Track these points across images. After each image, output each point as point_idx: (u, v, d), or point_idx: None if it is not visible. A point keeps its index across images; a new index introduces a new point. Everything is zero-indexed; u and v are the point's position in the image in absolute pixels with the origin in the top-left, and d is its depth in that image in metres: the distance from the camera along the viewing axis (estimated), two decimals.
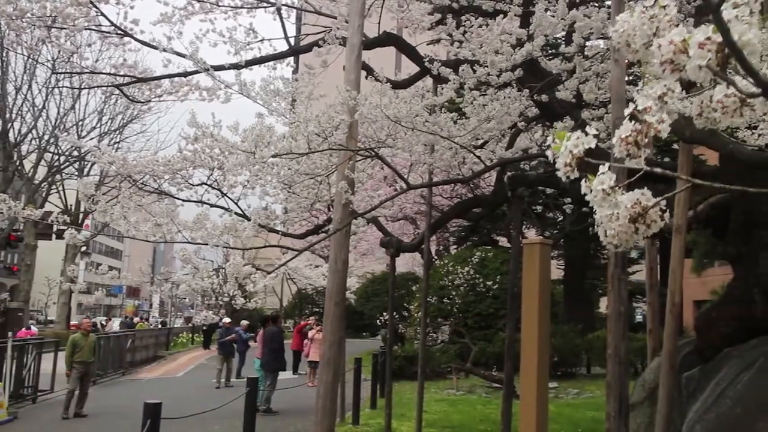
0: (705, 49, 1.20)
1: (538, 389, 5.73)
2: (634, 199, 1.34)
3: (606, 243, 1.39)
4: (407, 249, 10.77)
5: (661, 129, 1.29)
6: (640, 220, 1.34)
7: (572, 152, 1.35)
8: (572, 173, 1.35)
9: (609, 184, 1.33)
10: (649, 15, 1.34)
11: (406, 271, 32.53)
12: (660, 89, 1.33)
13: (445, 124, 8.36)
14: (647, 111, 1.30)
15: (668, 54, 1.24)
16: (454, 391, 16.99)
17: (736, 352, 6.07)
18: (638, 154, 1.31)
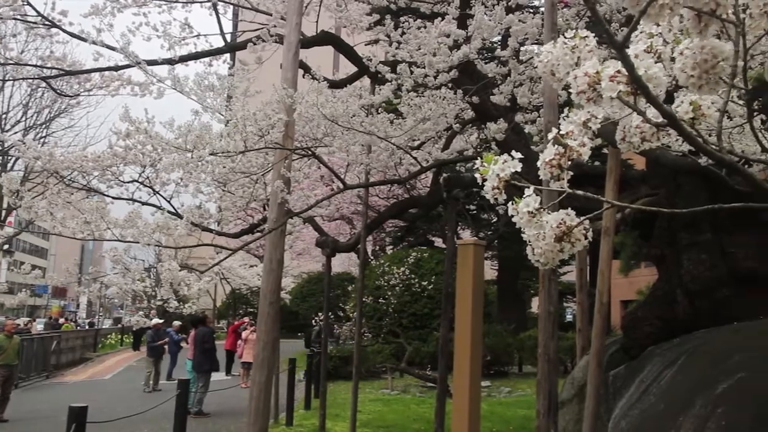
0: (615, 81, 1.28)
1: (471, 388, 5.80)
2: (559, 220, 1.40)
3: (534, 261, 1.45)
4: (343, 249, 10.76)
5: (582, 152, 1.36)
6: (566, 239, 1.40)
7: (499, 176, 1.40)
8: (500, 195, 1.42)
9: (534, 206, 1.39)
10: (570, 46, 1.41)
11: (342, 271, 32.50)
12: (584, 116, 1.41)
13: (382, 125, 8.38)
14: (569, 135, 1.37)
15: (583, 85, 1.32)
16: (389, 390, 17.06)
17: (660, 350, 6.29)
18: (561, 176, 1.37)
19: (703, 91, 1.37)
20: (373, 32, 9.07)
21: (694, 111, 1.41)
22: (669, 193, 6.80)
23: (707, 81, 1.35)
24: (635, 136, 1.49)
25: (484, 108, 8.44)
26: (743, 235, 6.54)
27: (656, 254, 7.13)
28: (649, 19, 1.29)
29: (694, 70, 1.35)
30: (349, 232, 23.51)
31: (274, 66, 7.81)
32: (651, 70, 1.28)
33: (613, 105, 1.33)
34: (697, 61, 1.35)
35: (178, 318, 25.06)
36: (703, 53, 1.34)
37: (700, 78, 1.35)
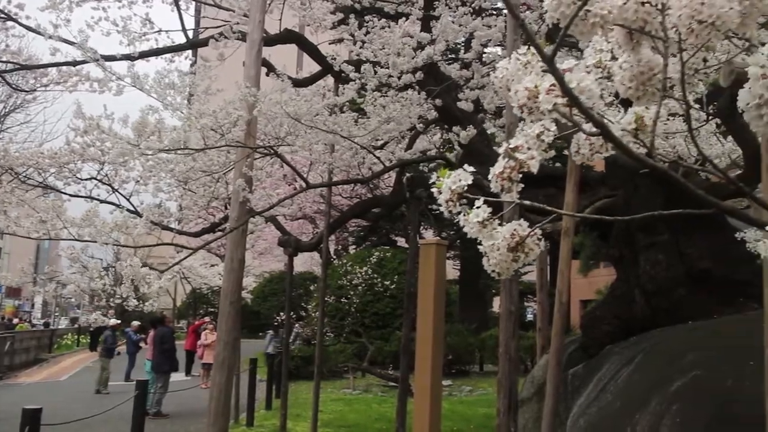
0: (552, 94, 1.32)
1: (432, 387, 5.82)
2: (511, 230, 1.44)
3: (489, 271, 1.49)
4: (306, 248, 10.72)
5: (531, 165, 1.41)
6: (519, 249, 1.44)
7: (452, 189, 1.44)
8: (454, 208, 1.46)
9: (484, 216, 1.42)
10: (523, 61, 1.47)
11: (304, 270, 32.37)
12: (538, 128, 1.46)
13: (346, 124, 8.37)
14: (519, 149, 1.42)
15: (523, 99, 1.36)
16: (351, 390, 17.04)
17: (618, 348, 6.40)
18: (512, 188, 1.41)
19: (641, 102, 1.45)
20: (337, 31, 9.05)
21: (637, 122, 1.48)
22: (627, 194, 6.93)
23: (644, 93, 1.42)
24: (584, 148, 1.55)
25: (448, 109, 8.49)
26: (699, 236, 6.69)
27: (615, 255, 7.26)
28: (582, 36, 1.35)
29: (631, 82, 1.42)
30: (312, 231, 23.42)
31: (236, 64, 7.73)
32: (583, 82, 1.33)
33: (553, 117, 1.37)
34: (633, 73, 1.41)
35: (137, 317, 24.68)
36: (639, 66, 1.40)
37: (637, 90, 1.42)
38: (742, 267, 6.42)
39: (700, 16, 1.26)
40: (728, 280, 6.45)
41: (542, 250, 5.36)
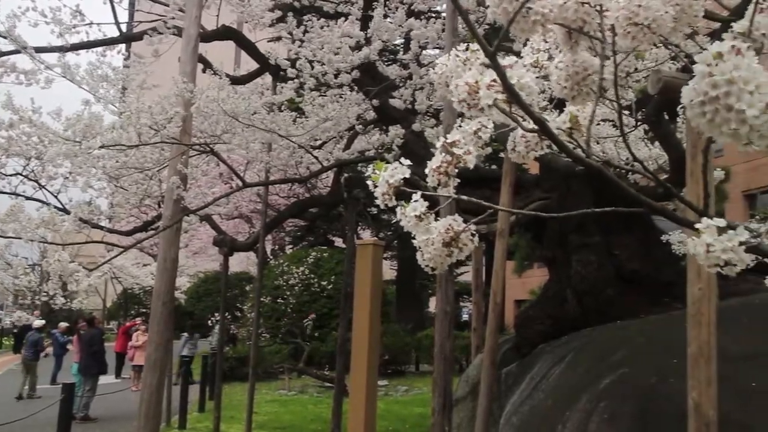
0: (492, 90, 1.33)
1: (368, 387, 5.83)
2: (446, 225, 1.45)
3: (424, 266, 1.49)
4: (241, 248, 10.58)
5: (468, 160, 1.42)
6: (453, 244, 1.45)
7: (389, 182, 1.44)
8: (390, 201, 1.46)
9: (420, 210, 1.42)
10: (463, 58, 1.48)
11: (240, 270, 31.97)
12: (475, 125, 1.47)
13: (284, 123, 8.30)
14: (456, 144, 1.43)
15: (463, 94, 1.37)
16: (286, 391, 16.92)
17: (550, 347, 6.54)
18: (448, 183, 1.42)
19: (576, 101, 1.48)
20: (275, 29, 8.96)
21: (572, 121, 1.51)
22: (560, 196, 7.09)
23: (579, 92, 1.45)
24: (521, 145, 1.57)
25: (386, 110, 8.52)
26: (628, 237, 6.91)
27: (548, 256, 7.42)
28: (523, 34, 1.37)
29: (567, 82, 1.45)
30: (248, 230, 23.15)
31: (172, 59, 7.57)
32: (523, 79, 1.35)
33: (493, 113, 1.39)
34: (569, 73, 1.44)
35: (65, 317, 23.88)
36: (574, 66, 1.44)
37: (572, 89, 1.46)
38: (667, 268, 6.67)
39: (636, 18, 1.30)
40: (655, 280, 6.68)
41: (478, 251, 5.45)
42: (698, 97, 1.02)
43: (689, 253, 1.22)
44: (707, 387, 3.01)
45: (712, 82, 1.01)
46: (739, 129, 1.01)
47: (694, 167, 3.10)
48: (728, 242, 1.17)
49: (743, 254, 1.17)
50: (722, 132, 1.03)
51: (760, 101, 0.99)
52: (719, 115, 1.02)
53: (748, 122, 0.99)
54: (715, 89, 1.01)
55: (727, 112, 1.01)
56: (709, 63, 1.01)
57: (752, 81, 0.99)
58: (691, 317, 3.10)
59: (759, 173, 18.26)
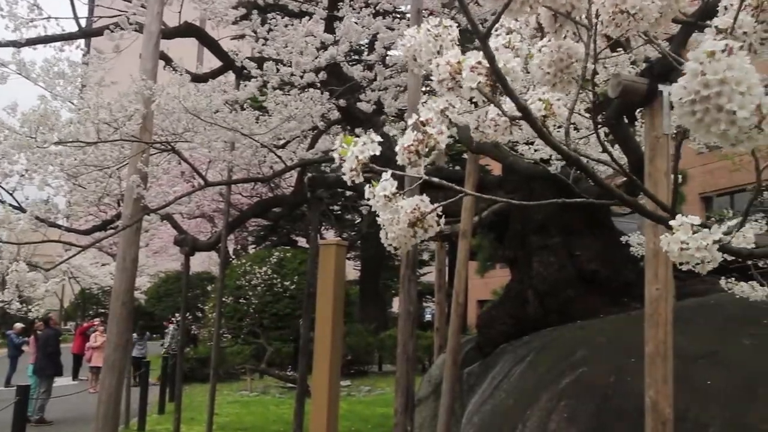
0: (476, 72, 1.31)
1: (330, 387, 5.81)
2: (413, 205, 1.42)
3: (387, 245, 1.47)
4: (203, 248, 10.46)
5: (440, 140, 1.39)
6: (419, 225, 1.43)
7: (358, 158, 1.40)
8: (357, 178, 1.41)
9: (391, 190, 1.39)
10: (434, 33, 1.44)
11: (201, 270, 31.59)
12: (442, 104, 1.44)
13: (247, 122, 8.23)
14: (428, 123, 1.40)
15: (445, 74, 1.35)
16: (248, 392, 16.78)
17: (511, 347, 6.61)
18: (419, 162, 1.39)
19: (556, 89, 1.46)
20: (239, 27, 8.89)
21: (546, 108, 1.49)
22: (522, 198, 7.16)
23: (560, 80, 1.44)
24: (489, 128, 1.54)
25: (350, 110, 8.51)
26: (588, 239, 7.01)
27: (510, 256, 7.49)
28: (511, 14, 1.34)
29: (550, 67, 1.43)
30: (210, 230, 22.90)
31: (132, 56, 7.45)
32: (510, 63, 1.33)
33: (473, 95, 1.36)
34: (553, 59, 1.42)
35: (21, 317, 23.30)
36: (559, 52, 1.42)
37: (555, 76, 1.44)
38: (626, 269, 6.79)
39: (624, 5, 1.29)
40: (614, 281, 6.79)
41: (441, 252, 5.47)
42: (689, 96, 1.01)
43: (648, 254, 1.23)
44: (663, 385, 3.07)
45: (704, 81, 0.99)
46: (728, 130, 1.00)
47: (652, 170, 3.15)
48: (703, 240, 1.18)
49: (716, 253, 1.18)
50: (710, 132, 1.02)
51: (751, 102, 0.98)
52: (709, 115, 1.01)
53: (738, 123, 0.99)
54: (707, 89, 0.99)
55: (718, 113, 1.00)
56: (702, 61, 1.00)
57: (744, 82, 0.98)
58: (649, 317, 3.16)
59: (714, 177, 18.70)
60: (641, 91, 3.09)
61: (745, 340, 4.64)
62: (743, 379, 4.10)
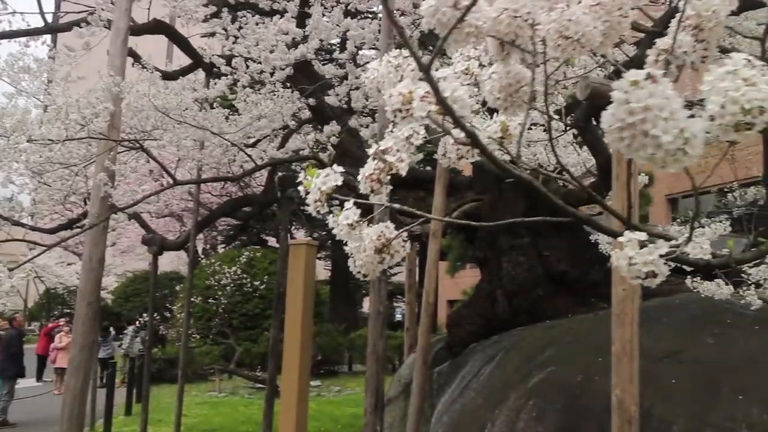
0: (426, 101, 1.36)
1: (299, 388, 5.80)
2: (378, 232, 1.46)
3: (355, 272, 1.51)
4: (171, 247, 10.35)
5: (400, 167, 1.45)
6: (385, 251, 1.46)
7: (321, 189, 1.44)
8: (322, 208, 1.47)
9: (353, 218, 1.43)
10: (395, 64, 1.50)
11: (170, 270, 31.26)
12: (407, 131, 1.49)
13: (217, 120, 8.17)
14: (389, 151, 1.44)
15: (398, 104, 1.39)
16: (217, 393, 16.65)
17: (480, 347, 6.65)
18: (381, 190, 1.45)
19: (508, 112, 1.52)
20: (209, 24, 8.81)
21: (503, 131, 1.55)
22: (492, 198, 7.22)
23: (511, 103, 1.49)
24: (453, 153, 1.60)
25: (321, 109, 8.49)
26: (557, 239, 7.08)
27: (480, 256, 7.54)
28: (457, 45, 1.39)
29: (500, 93, 1.49)
30: (179, 229, 22.67)
31: (100, 52, 7.34)
32: (457, 92, 1.37)
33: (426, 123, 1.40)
34: (502, 84, 1.48)
35: None
36: (508, 77, 1.47)
37: (505, 100, 1.49)
38: (594, 268, 6.87)
39: (567, 32, 1.34)
40: (582, 281, 6.87)
41: (411, 252, 5.49)
42: (617, 123, 1.07)
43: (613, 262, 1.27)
44: (630, 384, 3.11)
45: (629, 109, 1.05)
46: (655, 153, 1.05)
47: (620, 171, 3.20)
48: (649, 255, 1.23)
49: (663, 267, 1.23)
50: (640, 156, 1.08)
51: (674, 127, 1.03)
52: (636, 141, 1.06)
53: (663, 147, 1.04)
54: (632, 116, 1.05)
55: (644, 138, 1.05)
56: (626, 90, 1.05)
57: (666, 108, 1.03)
58: (616, 317, 3.20)
59: (680, 179, 19.00)
60: (609, 94, 3.13)
61: (709, 339, 4.72)
62: (707, 377, 4.18)
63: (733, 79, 1.06)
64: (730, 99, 1.05)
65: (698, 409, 3.89)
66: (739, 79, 1.06)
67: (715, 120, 1.07)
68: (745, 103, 1.04)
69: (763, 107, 1.04)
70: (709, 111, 1.08)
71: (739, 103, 1.05)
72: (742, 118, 1.05)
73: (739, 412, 3.76)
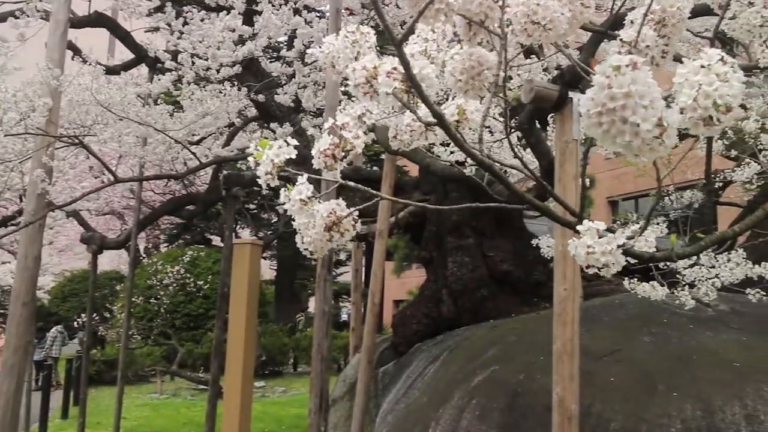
0: (392, 77, 1.33)
1: (243, 389, 5.73)
2: (329, 209, 1.42)
3: (303, 249, 1.47)
4: (112, 246, 10.10)
5: (356, 144, 1.40)
6: (335, 229, 1.43)
7: (273, 161, 1.39)
8: (273, 181, 1.41)
9: (306, 194, 1.39)
10: (352, 39, 1.46)
11: (110, 269, 30.50)
12: (360, 109, 1.45)
13: (160, 116, 8.00)
14: (345, 127, 1.40)
15: (361, 79, 1.36)
16: (158, 394, 16.33)
17: (425, 346, 6.69)
18: (335, 166, 1.40)
19: (468, 95, 1.50)
20: (152, 19, 8.63)
21: (460, 114, 1.52)
22: (438, 199, 7.27)
23: (473, 86, 1.47)
24: (405, 134, 1.56)
25: (268, 107, 8.41)
26: (501, 240, 7.18)
27: (426, 256, 7.58)
28: (425, 21, 1.37)
29: (462, 75, 1.47)
30: (120, 227, 22.13)
31: (38, 43, 7.11)
32: (425, 70, 1.35)
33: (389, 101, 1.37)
34: (465, 66, 1.46)
35: None
36: (471, 60, 1.46)
37: (466, 83, 1.47)
38: (537, 269, 6.99)
39: (534, 17, 1.33)
40: (525, 281, 6.98)
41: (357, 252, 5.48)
42: (596, 108, 1.05)
43: (556, 255, 1.28)
44: (570, 382, 3.17)
45: (611, 94, 1.03)
46: (632, 141, 1.04)
47: (562, 174, 3.26)
48: (607, 245, 1.23)
49: (620, 257, 1.23)
50: (616, 143, 1.06)
51: (653, 115, 1.03)
52: (615, 127, 1.04)
53: (641, 135, 1.03)
54: (613, 101, 1.03)
55: (623, 124, 1.04)
56: (608, 75, 1.04)
57: (647, 96, 1.02)
58: (557, 316, 3.26)
59: (621, 181, 19.49)
60: (552, 98, 3.19)
61: (646, 338, 4.86)
62: (643, 375, 4.30)
63: (706, 73, 1.06)
64: (703, 93, 1.05)
65: (635, 406, 3.99)
66: (713, 74, 1.05)
67: (686, 113, 1.06)
68: (717, 98, 1.04)
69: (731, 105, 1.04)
70: (680, 104, 1.07)
71: (711, 97, 1.04)
72: (713, 113, 1.05)
73: (673, 409, 3.88)
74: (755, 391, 3.90)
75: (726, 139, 6.07)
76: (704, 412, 3.81)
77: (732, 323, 5.08)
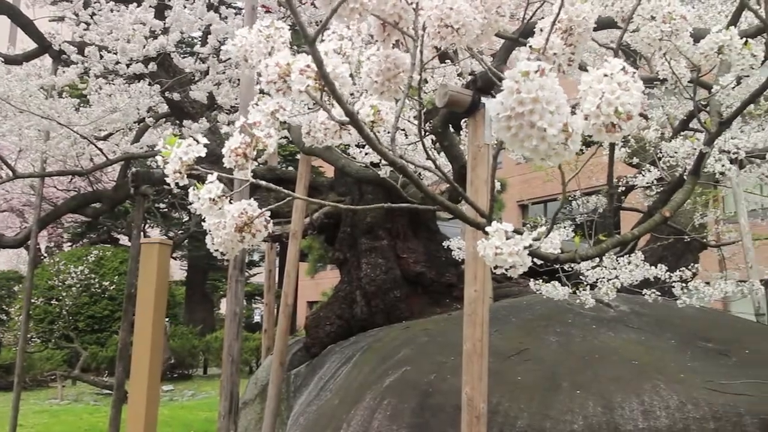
0: (305, 75, 1.32)
1: (149, 392, 5.56)
2: (240, 209, 1.40)
3: (213, 250, 1.43)
4: (10, 244, 9.62)
5: (268, 143, 1.38)
6: (246, 229, 1.41)
7: (182, 159, 1.35)
8: (182, 180, 1.36)
9: (216, 193, 1.36)
10: (265, 34, 1.44)
11: (8, 269, 28.99)
12: (273, 106, 1.43)
13: (65, 111, 7.68)
14: (256, 125, 1.38)
15: (274, 75, 1.34)
16: (58, 400, 15.63)
17: (338, 348, 6.68)
18: (246, 165, 1.37)
19: (384, 96, 1.51)
20: (58, 8, 8.27)
21: (374, 114, 1.53)
22: (354, 200, 7.28)
23: (388, 89, 1.48)
24: (320, 132, 1.56)
25: (180, 104, 8.21)
26: (414, 242, 7.26)
27: (339, 258, 7.57)
28: (339, 19, 1.36)
29: (378, 76, 1.47)
30: (20, 225, 21.08)
31: None
32: (338, 68, 1.34)
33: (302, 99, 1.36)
34: (381, 68, 1.47)
35: None
36: (387, 62, 1.47)
37: (383, 85, 1.48)
38: (449, 271, 7.11)
39: (448, 20, 1.35)
40: (437, 282, 7.09)
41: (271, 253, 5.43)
42: (505, 112, 1.07)
43: (467, 257, 1.30)
44: (479, 382, 3.24)
45: (519, 99, 1.05)
46: (539, 145, 1.07)
47: (474, 177, 3.32)
48: (514, 246, 1.27)
49: (527, 258, 1.27)
50: (524, 146, 1.09)
51: (559, 121, 1.06)
52: (523, 131, 1.07)
53: (548, 140, 1.06)
54: (521, 106, 1.05)
55: (530, 129, 1.06)
56: (517, 80, 1.06)
57: (554, 101, 1.05)
58: (467, 317, 3.32)
59: (531, 186, 20.11)
60: (466, 102, 3.25)
61: (552, 337, 5.03)
62: (549, 373, 4.44)
63: (609, 82, 1.09)
64: (606, 101, 1.09)
65: (540, 404, 4.12)
66: (615, 83, 1.09)
67: (590, 119, 1.10)
68: (619, 106, 1.08)
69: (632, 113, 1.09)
70: (585, 110, 1.10)
71: (613, 105, 1.08)
72: (615, 120, 1.09)
73: (576, 406, 4.03)
74: (652, 388, 4.10)
75: (628, 147, 6.37)
76: (605, 409, 3.98)
77: (631, 323, 5.32)
